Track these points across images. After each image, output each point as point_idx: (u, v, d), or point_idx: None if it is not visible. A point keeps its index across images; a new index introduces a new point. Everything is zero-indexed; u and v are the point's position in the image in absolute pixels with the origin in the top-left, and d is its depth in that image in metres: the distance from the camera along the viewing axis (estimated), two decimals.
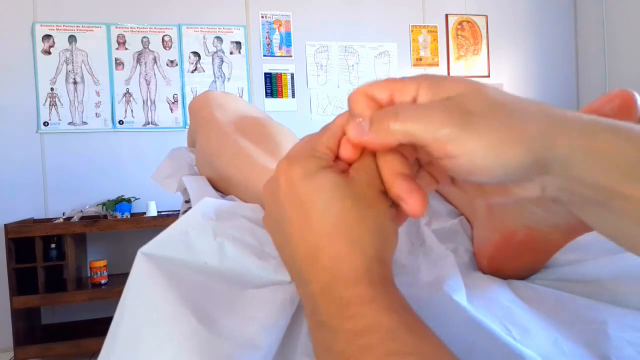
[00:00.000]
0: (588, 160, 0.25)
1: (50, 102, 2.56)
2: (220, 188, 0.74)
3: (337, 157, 0.33)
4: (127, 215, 2.50)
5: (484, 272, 0.55)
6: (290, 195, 0.31)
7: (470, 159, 0.26)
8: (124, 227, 2.33)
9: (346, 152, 0.32)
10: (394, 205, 0.31)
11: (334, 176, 0.30)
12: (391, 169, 0.30)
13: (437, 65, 3.18)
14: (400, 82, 0.29)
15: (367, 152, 0.32)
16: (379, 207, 0.31)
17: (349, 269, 0.29)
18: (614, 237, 0.27)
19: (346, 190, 0.30)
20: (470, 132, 0.26)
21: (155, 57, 2.71)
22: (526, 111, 0.27)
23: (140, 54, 2.69)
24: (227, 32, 2.82)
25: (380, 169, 0.31)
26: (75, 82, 2.60)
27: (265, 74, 2.88)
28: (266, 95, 2.88)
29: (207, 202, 0.46)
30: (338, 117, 0.33)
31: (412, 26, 3.13)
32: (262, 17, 2.88)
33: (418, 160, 0.33)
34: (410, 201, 0.29)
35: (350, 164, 0.32)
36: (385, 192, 0.31)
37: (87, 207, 2.53)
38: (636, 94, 0.32)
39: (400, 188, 0.29)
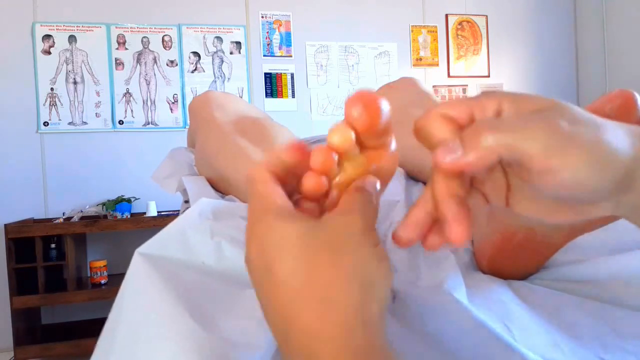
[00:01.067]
0: None
1: (50, 102, 2.56)
2: (220, 188, 0.74)
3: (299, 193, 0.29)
4: (127, 215, 2.50)
5: (484, 272, 0.55)
6: (258, 259, 0.27)
7: (574, 172, 0.24)
8: (124, 227, 2.33)
9: (312, 184, 0.28)
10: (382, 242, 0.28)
11: (299, 225, 0.26)
12: (447, 187, 0.27)
13: (437, 65, 3.18)
14: (477, 100, 0.27)
15: (344, 183, 0.28)
16: (364, 252, 0.27)
17: (325, 341, 0.25)
18: None
19: (315, 240, 0.26)
20: (576, 144, 0.24)
21: (155, 57, 2.71)
22: (612, 126, 0.26)
23: (140, 54, 2.69)
24: (227, 32, 2.82)
25: (434, 186, 0.28)
26: (75, 82, 2.60)
27: (265, 74, 2.88)
28: (266, 95, 2.88)
29: (205, 202, 0.46)
30: (282, 149, 0.29)
31: (412, 26, 3.13)
32: (262, 17, 2.88)
33: (471, 180, 0.30)
34: (456, 227, 0.26)
35: (317, 200, 0.29)
36: (371, 229, 0.28)
37: (87, 207, 2.53)
38: (636, 94, 0.32)
39: (450, 210, 0.26)
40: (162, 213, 2.53)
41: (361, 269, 0.26)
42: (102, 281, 2.34)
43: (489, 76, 3.26)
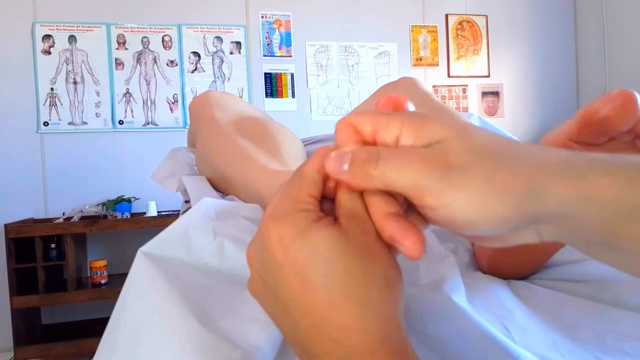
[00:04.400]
0: (584, 208, 0.23)
1: (50, 102, 2.56)
2: (220, 188, 0.74)
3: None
4: (127, 215, 2.50)
5: (484, 272, 0.55)
6: (285, 260, 0.27)
7: (450, 212, 0.24)
8: (124, 227, 2.33)
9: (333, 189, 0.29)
10: (393, 250, 0.28)
11: (329, 231, 0.26)
12: (380, 209, 0.27)
13: (437, 65, 3.18)
14: (385, 119, 0.27)
15: (355, 191, 0.29)
16: (383, 257, 0.27)
17: (363, 340, 0.25)
18: (622, 269, 0.26)
19: (345, 245, 0.26)
20: (449, 184, 0.24)
21: (155, 57, 2.71)
22: (515, 159, 0.25)
23: (140, 54, 2.69)
24: (227, 32, 2.82)
25: (370, 211, 0.28)
26: (75, 82, 2.60)
27: (265, 74, 2.88)
28: (266, 95, 2.88)
29: (207, 202, 0.46)
30: (312, 159, 0.29)
31: (412, 26, 3.13)
32: (262, 17, 2.88)
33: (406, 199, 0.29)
34: (407, 242, 0.26)
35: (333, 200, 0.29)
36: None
37: (87, 207, 2.53)
38: (636, 94, 0.32)
39: (393, 229, 0.26)
40: (162, 213, 2.53)
41: (388, 274, 0.27)
42: (102, 281, 2.34)
43: (489, 76, 3.26)
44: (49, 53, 2.56)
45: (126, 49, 2.67)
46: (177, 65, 2.74)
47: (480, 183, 0.24)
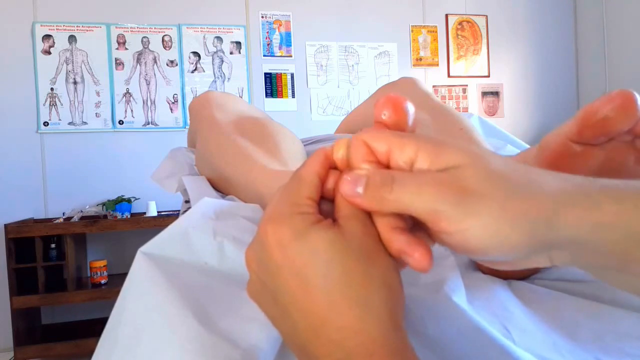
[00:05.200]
0: (596, 235, 0.23)
1: (50, 102, 2.56)
2: (220, 188, 0.74)
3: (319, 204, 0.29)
4: (127, 215, 2.50)
5: (484, 272, 0.55)
6: (284, 262, 0.27)
7: (465, 237, 0.25)
8: (124, 227, 2.33)
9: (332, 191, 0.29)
10: (399, 263, 0.28)
11: (328, 233, 0.27)
12: (387, 223, 0.27)
13: (437, 65, 3.18)
14: (400, 141, 0.27)
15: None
16: (382, 258, 0.27)
17: (363, 341, 0.25)
18: (632, 292, 0.26)
19: (344, 246, 0.26)
20: (464, 211, 0.24)
21: (155, 57, 2.71)
22: (529, 186, 0.25)
23: (140, 54, 2.69)
24: (227, 32, 2.82)
25: (376, 224, 0.28)
26: (75, 82, 2.60)
27: (265, 74, 2.88)
28: (266, 95, 2.88)
29: (207, 202, 0.46)
30: (310, 161, 0.29)
31: (412, 26, 3.13)
32: (262, 17, 2.88)
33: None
34: (416, 255, 0.26)
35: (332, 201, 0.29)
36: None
37: (87, 207, 2.53)
38: (636, 94, 0.32)
39: (401, 242, 0.26)
40: (162, 213, 2.53)
41: (388, 276, 0.27)
42: (102, 281, 2.34)
43: (489, 76, 3.26)
44: (49, 53, 2.56)
45: (126, 49, 2.67)
46: (177, 65, 2.74)
47: (495, 210, 0.24)
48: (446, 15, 3.18)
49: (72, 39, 2.60)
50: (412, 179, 0.26)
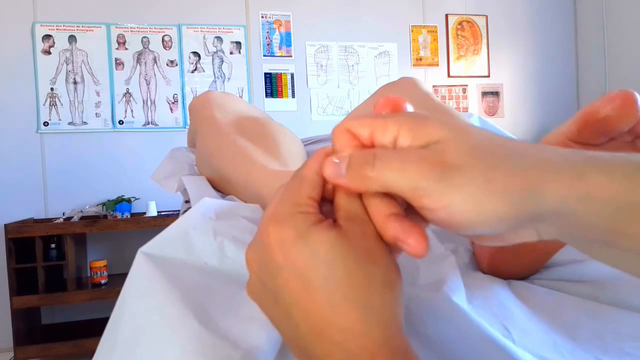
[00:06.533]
0: (583, 207, 0.23)
1: (50, 102, 2.56)
2: (220, 188, 0.74)
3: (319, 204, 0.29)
4: (127, 215, 2.50)
5: (484, 272, 0.55)
6: (285, 263, 0.27)
7: (449, 212, 0.24)
8: (124, 227, 2.33)
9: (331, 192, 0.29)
10: (395, 250, 0.28)
11: (329, 234, 0.26)
12: (380, 211, 0.27)
13: (437, 65, 3.18)
14: (382, 121, 0.27)
15: (354, 193, 0.28)
16: (383, 258, 0.27)
17: (365, 342, 0.25)
18: (619, 268, 0.26)
19: (345, 247, 0.26)
20: (447, 185, 0.24)
21: (155, 57, 2.71)
22: (513, 158, 0.24)
23: (140, 54, 2.69)
24: (227, 32, 2.82)
25: (370, 212, 0.28)
26: (75, 82, 2.60)
27: (265, 74, 2.88)
28: (266, 95, 2.88)
29: (207, 202, 0.46)
30: (311, 161, 0.29)
31: (412, 26, 3.13)
32: (262, 17, 2.88)
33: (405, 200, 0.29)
34: (411, 241, 0.25)
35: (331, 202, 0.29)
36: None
37: (87, 207, 2.53)
38: (636, 94, 0.32)
39: (395, 229, 0.26)
40: (162, 213, 2.53)
41: (385, 273, 0.27)
42: (102, 281, 2.34)
43: (489, 76, 3.26)
44: (49, 53, 2.56)
45: (126, 49, 2.67)
46: (177, 65, 2.74)
47: (478, 183, 0.24)
48: (446, 15, 3.18)
49: (72, 39, 2.60)
50: (393, 155, 0.26)
